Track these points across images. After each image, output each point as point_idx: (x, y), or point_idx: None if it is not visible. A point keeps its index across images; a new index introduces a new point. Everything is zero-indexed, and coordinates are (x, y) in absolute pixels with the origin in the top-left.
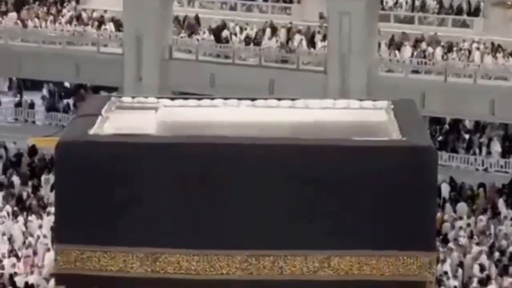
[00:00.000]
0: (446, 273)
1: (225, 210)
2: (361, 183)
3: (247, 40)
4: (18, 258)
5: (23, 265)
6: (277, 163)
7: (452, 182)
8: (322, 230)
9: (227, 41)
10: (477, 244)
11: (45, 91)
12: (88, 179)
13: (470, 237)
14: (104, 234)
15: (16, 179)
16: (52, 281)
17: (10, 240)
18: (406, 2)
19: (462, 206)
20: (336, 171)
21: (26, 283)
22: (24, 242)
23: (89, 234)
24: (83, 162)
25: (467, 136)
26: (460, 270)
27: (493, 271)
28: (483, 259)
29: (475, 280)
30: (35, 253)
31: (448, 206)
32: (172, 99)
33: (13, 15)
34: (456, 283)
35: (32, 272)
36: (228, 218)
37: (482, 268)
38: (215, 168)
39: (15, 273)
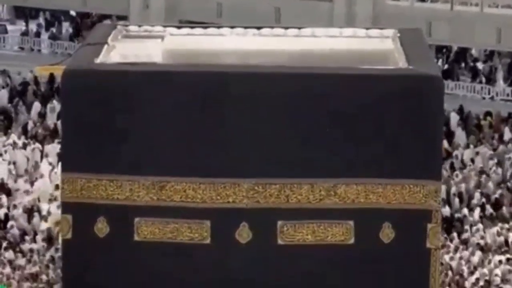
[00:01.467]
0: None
1: (231, 139)
2: (368, 112)
3: None
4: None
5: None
6: (283, 92)
7: (460, 111)
8: (329, 159)
9: None
10: (482, 173)
11: (41, 19)
12: (94, 107)
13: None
14: (110, 163)
15: (22, 108)
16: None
17: (15, 167)
18: None
19: (467, 135)
20: (343, 99)
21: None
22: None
23: (95, 163)
24: (89, 91)
25: (473, 65)
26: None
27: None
28: (489, 187)
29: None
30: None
31: (455, 135)
32: (178, 27)
33: None
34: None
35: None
36: (234, 146)
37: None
38: (221, 97)
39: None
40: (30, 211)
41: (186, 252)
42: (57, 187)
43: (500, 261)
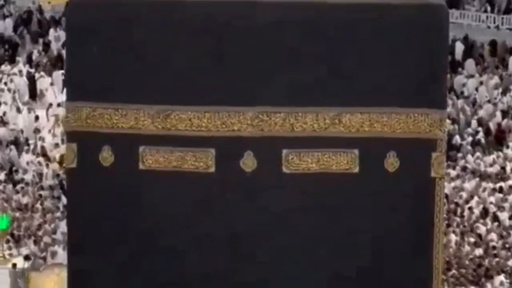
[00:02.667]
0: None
1: (236, 67)
2: (372, 40)
3: None
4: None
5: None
6: (289, 21)
7: (465, 40)
8: (333, 88)
9: None
10: (488, 101)
11: None
12: (99, 36)
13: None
14: (115, 92)
15: (27, 37)
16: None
17: (19, 95)
18: None
19: (471, 64)
20: (348, 28)
21: None
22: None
23: (100, 91)
24: (94, 20)
25: None
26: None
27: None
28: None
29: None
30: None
31: (461, 64)
32: None
33: None
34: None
35: None
36: (239, 75)
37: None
38: (225, 26)
39: None
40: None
41: (191, 181)
42: (57, 119)
43: (494, 189)
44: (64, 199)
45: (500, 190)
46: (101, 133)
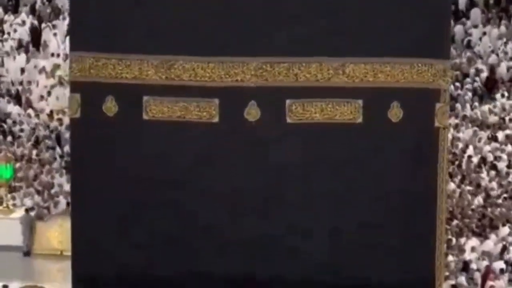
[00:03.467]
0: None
1: (240, 18)
2: None
3: None
4: None
5: None
6: None
7: None
8: (337, 38)
9: None
10: (492, 52)
11: None
12: None
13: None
14: (119, 42)
15: None
16: None
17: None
18: None
19: (476, 13)
20: None
21: None
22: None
23: (104, 42)
24: None
25: None
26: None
27: None
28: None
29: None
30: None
31: (465, 14)
32: None
33: None
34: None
35: None
36: (243, 25)
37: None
38: None
39: None
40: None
41: (195, 130)
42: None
43: (489, 138)
44: (59, 150)
45: (495, 139)
46: (105, 83)
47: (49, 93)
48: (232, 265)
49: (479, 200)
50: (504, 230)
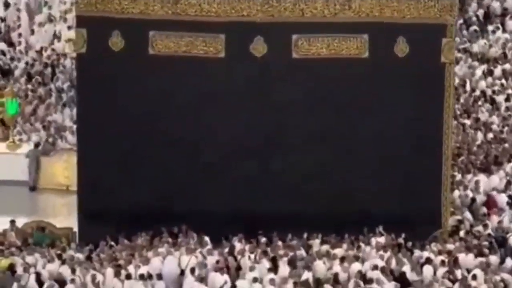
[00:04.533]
0: None
1: None
2: None
3: None
4: None
5: None
6: None
7: None
8: None
9: None
10: None
11: None
12: None
13: None
14: None
15: None
16: None
17: None
18: None
19: None
20: None
21: None
22: None
23: None
24: None
25: None
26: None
27: None
28: None
29: None
30: None
31: None
32: None
33: None
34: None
35: None
36: None
37: None
38: None
39: None
40: None
41: (201, 66)
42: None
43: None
44: (52, 86)
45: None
46: (111, 18)
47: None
48: (233, 202)
49: (482, 136)
50: (509, 166)
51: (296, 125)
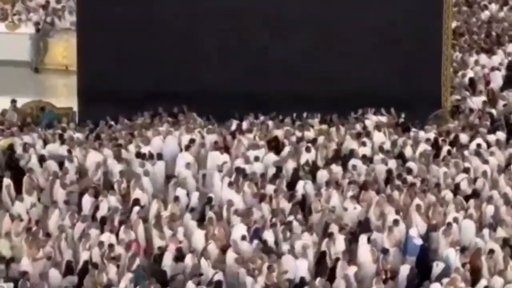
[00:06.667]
0: None
1: None
2: None
3: None
4: None
5: None
6: None
7: None
8: None
9: None
10: None
11: None
12: None
13: None
14: None
15: None
16: None
17: None
18: None
19: None
20: None
21: None
22: None
23: None
24: None
25: None
26: None
27: None
28: None
29: None
30: None
31: None
32: None
33: None
34: None
35: None
36: None
37: None
38: None
39: None
40: None
41: None
42: None
43: None
44: None
45: None
46: None
47: None
48: (233, 82)
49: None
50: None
51: (297, 7)
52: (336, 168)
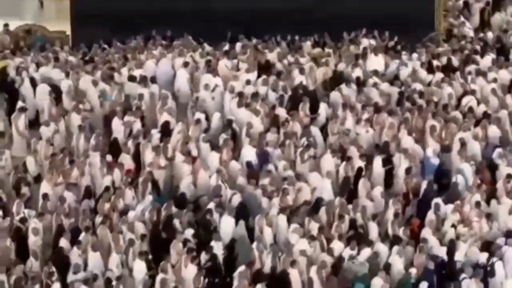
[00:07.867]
0: None
1: None
2: None
3: None
4: None
5: None
6: None
7: None
8: None
9: None
10: None
11: None
12: None
13: None
14: None
15: None
16: None
17: None
18: None
19: None
20: None
21: None
22: None
23: None
24: None
25: None
26: None
27: None
28: None
29: None
30: None
31: None
32: None
33: None
34: None
35: None
36: None
37: None
38: None
39: None
40: None
41: None
42: None
43: None
44: None
45: None
46: None
47: None
48: (226, 4)
49: None
50: None
51: None
52: (347, 90)
